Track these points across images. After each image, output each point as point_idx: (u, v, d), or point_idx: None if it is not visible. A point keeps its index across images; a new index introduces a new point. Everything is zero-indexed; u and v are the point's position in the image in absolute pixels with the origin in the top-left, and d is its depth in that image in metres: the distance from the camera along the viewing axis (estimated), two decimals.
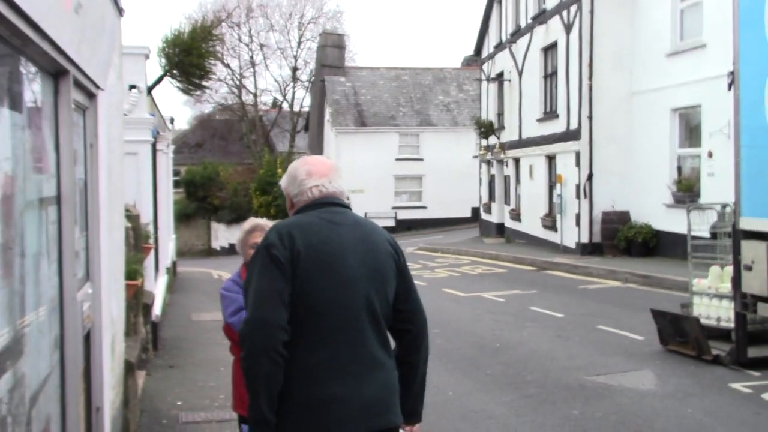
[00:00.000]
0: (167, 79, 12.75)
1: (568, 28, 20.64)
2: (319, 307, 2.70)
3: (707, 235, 9.77)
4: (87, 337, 4.34)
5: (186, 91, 13.60)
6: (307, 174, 2.98)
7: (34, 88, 3.16)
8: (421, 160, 38.87)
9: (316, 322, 2.71)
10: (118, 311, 5.54)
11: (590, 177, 19.70)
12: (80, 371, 3.91)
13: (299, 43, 49.75)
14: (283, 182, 3.06)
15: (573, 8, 20.24)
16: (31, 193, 3.02)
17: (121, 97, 6.16)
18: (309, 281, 2.69)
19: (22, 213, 2.85)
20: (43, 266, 3.20)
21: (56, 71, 3.44)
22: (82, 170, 4.33)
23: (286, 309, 2.66)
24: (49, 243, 3.36)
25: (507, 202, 27.87)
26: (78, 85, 3.86)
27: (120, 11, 4.70)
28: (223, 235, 41.92)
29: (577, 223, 20.07)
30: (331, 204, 2.93)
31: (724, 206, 9.15)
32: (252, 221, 4.22)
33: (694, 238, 9.49)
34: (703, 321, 8.68)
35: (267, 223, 4.18)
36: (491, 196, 30.13)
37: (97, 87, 4.47)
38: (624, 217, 19.28)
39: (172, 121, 17.60)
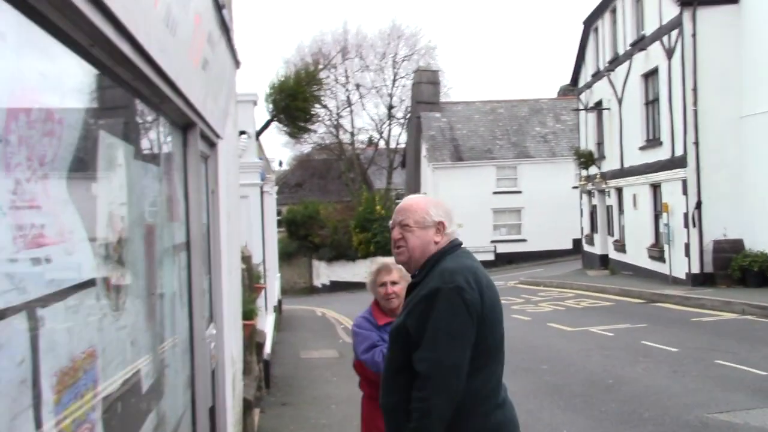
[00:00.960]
0: (274, 124, 13.22)
1: (669, 53, 20.16)
2: (493, 345, 2.92)
3: None
4: (212, 376, 4.52)
5: (292, 135, 14.05)
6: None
7: (167, 141, 3.37)
8: (520, 192, 38.49)
9: (490, 358, 2.91)
10: (237, 350, 5.73)
11: (699, 205, 19.01)
12: (208, 410, 4.07)
13: (394, 81, 50.53)
14: (438, 215, 3.03)
15: (674, 33, 19.77)
16: (167, 240, 3.21)
17: (237, 144, 6.44)
18: (488, 322, 2.88)
19: (161, 259, 3.03)
20: (177, 309, 3.38)
21: (185, 124, 3.66)
22: (205, 215, 4.55)
23: (470, 351, 2.81)
24: (181, 286, 3.54)
25: (610, 232, 27.20)
26: (202, 135, 4.08)
27: (237, 63, 4.94)
28: (324, 272, 42.55)
29: (687, 253, 19.34)
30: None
31: None
32: (379, 261, 4.27)
33: None
34: None
35: (392, 262, 4.22)
36: (593, 227, 29.47)
37: (218, 136, 4.70)
38: (737, 245, 18.46)
39: (280, 164, 18.25)
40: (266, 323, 11.42)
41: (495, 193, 38.40)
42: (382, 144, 51.87)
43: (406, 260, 3.03)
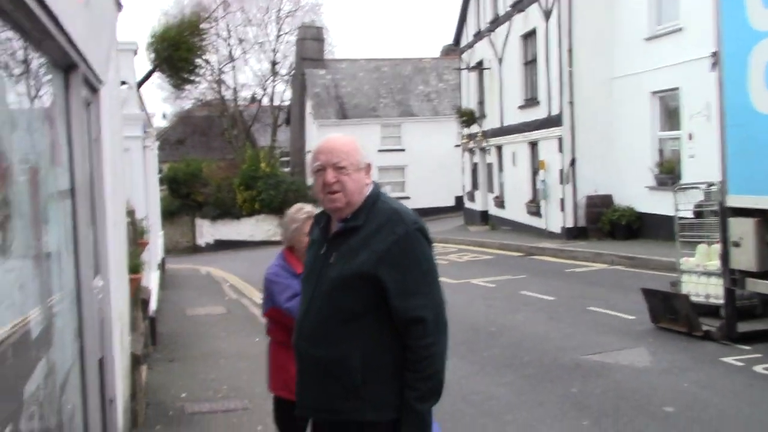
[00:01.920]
0: (155, 76, 12.77)
1: (546, 14, 20.78)
2: None
3: (691, 214, 9.94)
4: (100, 328, 4.39)
5: (176, 86, 13.60)
6: None
7: (49, 83, 3.21)
8: (403, 150, 38.96)
9: None
10: (124, 304, 5.59)
11: (573, 162, 19.89)
12: (97, 362, 3.97)
13: (278, 37, 49.47)
14: (365, 156, 2.92)
15: None
16: (51, 186, 3.08)
17: (119, 93, 6.19)
18: None
19: (46, 205, 2.91)
20: (63, 256, 3.26)
21: (67, 66, 3.48)
22: (89, 165, 4.38)
23: None
24: (66, 235, 3.41)
25: (490, 189, 28.04)
26: (85, 79, 3.90)
27: (119, 6, 4.74)
28: (208, 231, 41.72)
29: (562, 208, 20.25)
30: None
31: (709, 185, 9.31)
32: (306, 210, 4.06)
33: (680, 218, 9.66)
34: (692, 298, 8.85)
35: (315, 210, 4.06)
36: (474, 184, 30.28)
37: (100, 81, 4.51)
38: (607, 200, 19.49)
39: (164, 116, 17.62)
40: (151, 280, 11.16)
41: (380, 150, 38.64)
42: (265, 101, 50.98)
43: (342, 206, 2.82)
